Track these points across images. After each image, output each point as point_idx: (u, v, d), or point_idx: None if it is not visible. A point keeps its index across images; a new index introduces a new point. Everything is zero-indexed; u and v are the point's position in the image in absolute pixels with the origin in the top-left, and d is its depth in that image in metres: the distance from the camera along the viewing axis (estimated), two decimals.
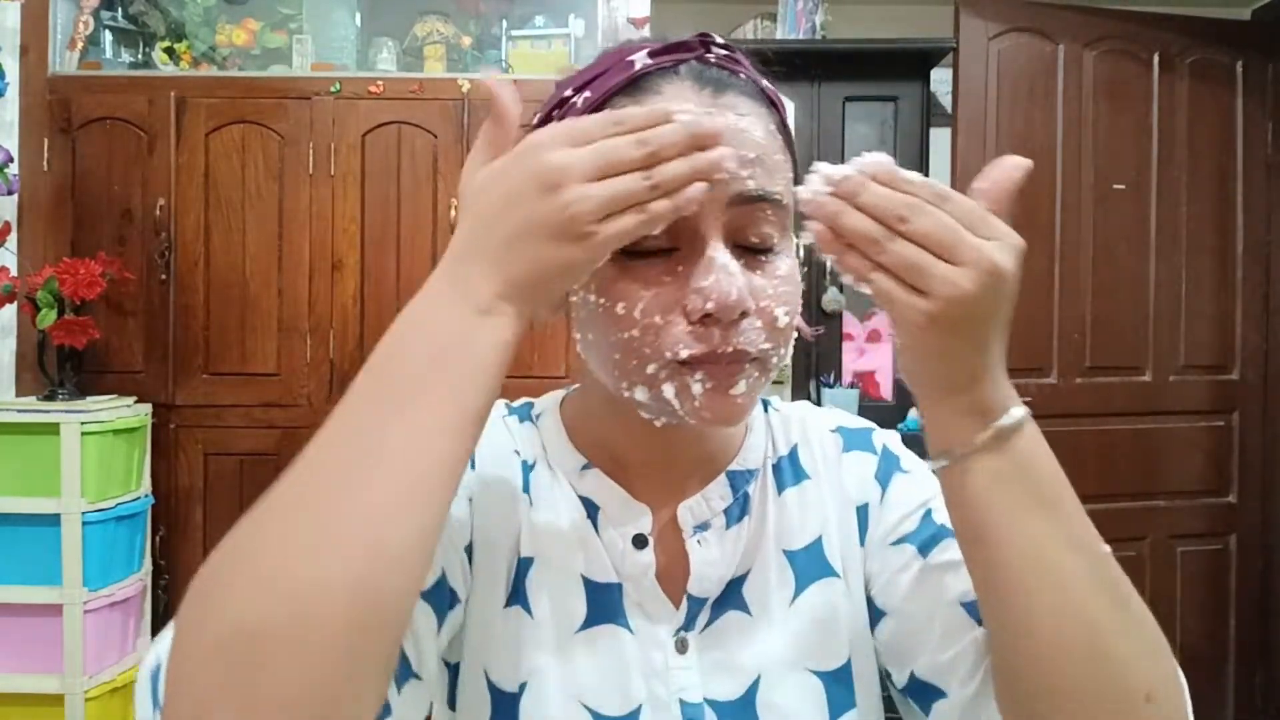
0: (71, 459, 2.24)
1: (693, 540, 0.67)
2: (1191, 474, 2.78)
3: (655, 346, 0.57)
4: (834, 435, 0.74)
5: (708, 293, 0.55)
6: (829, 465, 0.73)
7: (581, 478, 0.69)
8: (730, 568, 0.67)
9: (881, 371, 2.94)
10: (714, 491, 0.69)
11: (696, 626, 0.67)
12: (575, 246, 0.50)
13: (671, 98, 0.58)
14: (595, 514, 0.68)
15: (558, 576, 0.66)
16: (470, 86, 2.61)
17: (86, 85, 2.61)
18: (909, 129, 2.80)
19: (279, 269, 2.60)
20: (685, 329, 0.57)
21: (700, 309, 0.56)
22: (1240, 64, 2.80)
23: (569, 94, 0.61)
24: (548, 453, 0.70)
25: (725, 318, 0.56)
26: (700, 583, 0.66)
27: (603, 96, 0.59)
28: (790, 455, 0.73)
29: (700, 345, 0.57)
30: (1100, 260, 2.70)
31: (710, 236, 0.57)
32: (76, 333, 2.37)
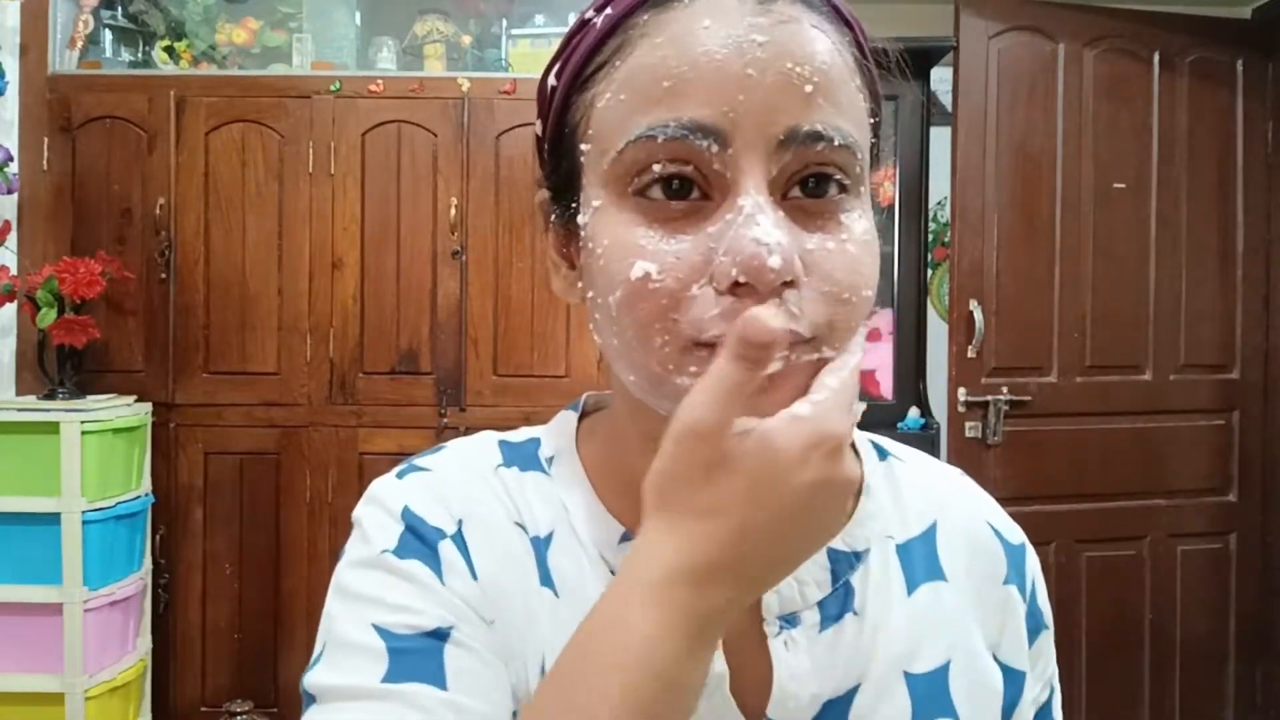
0: (71, 458, 2.23)
1: (778, 640, 0.51)
2: (1192, 473, 2.77)
3: (672, 324, 0.44)
4: (994, 540, 0.58)
5: (735, 254, 0.42)
6: (977, 577, 0.56)
7: (619, 554, 0.52)
8: (828, 684, 0.51)
9: (882, 371, 2.93)
10: (808, 573, 0.52)
11: None
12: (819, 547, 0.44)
13: (705, 6, 0.45)
14: None
15: None
16: (470, 85, 2.60)
17: (86, 84, 2.61)
18: (909, 128, 2.81)
19: (279, 268, 2.60)
20: (713, 301, 0.43)
21: (729, 276, 0.43)
22: (1240, 63, 2.79)
23: (590, 14, 0.49)
24: (570, 516, 0.54)
25: (762, 287, 0.42)
26: (785, 702, 0.50)
27: (624, 10, 0.47)
28: (926, 538, 0.56)
29: (726, 324, 0.43)
30: (1100, 259, 2.69)
31: (746, 184, 0.43)
32: (76, 332, 2.37)
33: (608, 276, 0.45)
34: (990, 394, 2.59)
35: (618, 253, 0.45)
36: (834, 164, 0.45)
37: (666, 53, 0.44)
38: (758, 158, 0.44)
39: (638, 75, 0.45)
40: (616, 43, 0.47)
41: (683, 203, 0.44)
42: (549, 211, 0.53)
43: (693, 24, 0.44)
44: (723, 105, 0.43)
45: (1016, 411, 2.61)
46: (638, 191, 0.45)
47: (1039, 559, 0.62)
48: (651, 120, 0.44)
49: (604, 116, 0.46)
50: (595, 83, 0.47)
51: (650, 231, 0.44)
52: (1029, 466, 2.63)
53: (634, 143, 0.44)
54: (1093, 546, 2.69)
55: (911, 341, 2.83)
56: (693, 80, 0.43)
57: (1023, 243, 2.65)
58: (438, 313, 2.60)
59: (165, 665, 2.58)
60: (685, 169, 0.44)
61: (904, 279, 2.84)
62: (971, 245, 2.60)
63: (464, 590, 0.50)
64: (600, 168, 0.46)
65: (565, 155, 0.50)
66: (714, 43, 0.43)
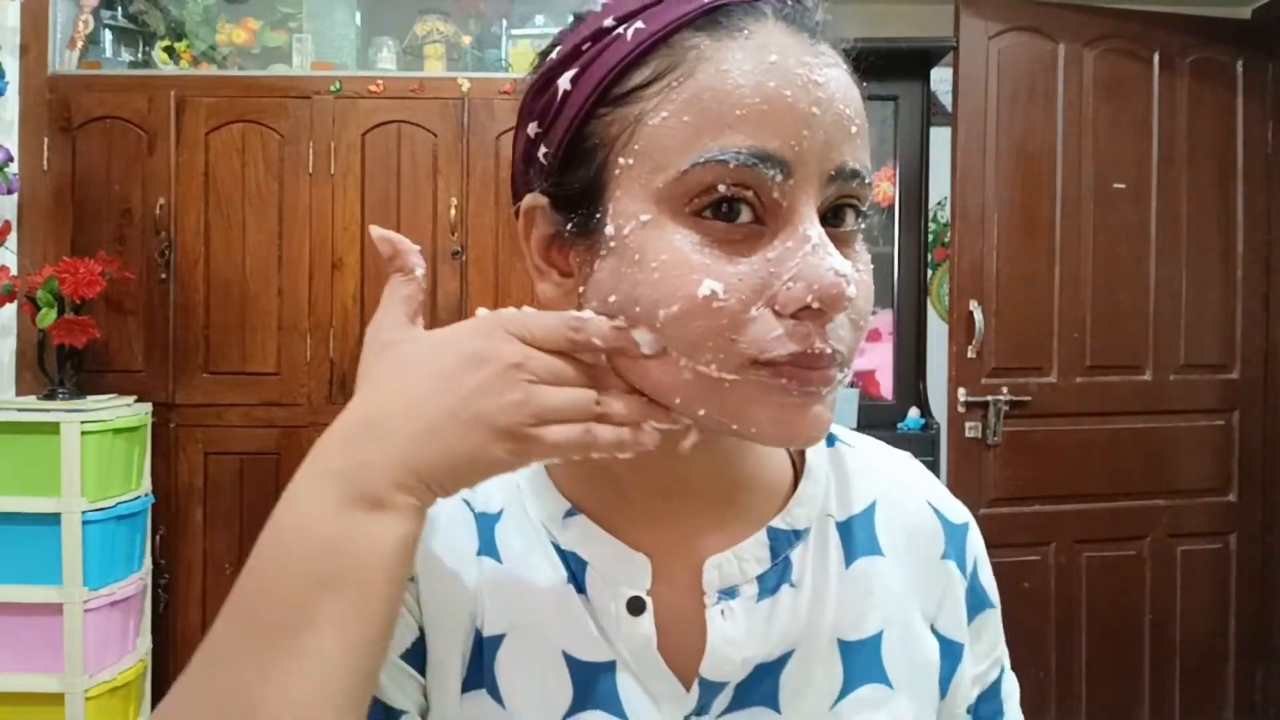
0: (71, 458, 2.23)
1: (715, 609, 0.54)
2: (1192, 473, 2.77)
3: (728, 344, 0.46)
4: (933, 519, 0.61)
5: (812, 281, 0.45)
6: (915, 554, 0.60)
7: (564, 528, 0.56)
8: (759, 650, 0.54)
9: (882, 371, 2.92)
10: (748, 551, 0.55)
11: (712, 711, 0.54)
12: (510, 445, 0.45)
13: (764, 41, 0.47)
14: (582, 572, 0.55)
15: (534, 654, 0.54)
16: (470, 86, 2.61)
17: (86, 84, 2.61)
18: (909, 128, 2.80)
19: (279, 268, 2.60)
20: (773, 322, 0.46)
21: (801, 301, 0.45)
22: (1240, 63, 2.79)
23: (609, 23, 0.50)
24: (521, 494, 0.58)
25: (832, 311, 0.45)
26: (718, 665, 0.53)
27: (666, 30, 0.48)
28: (865, 516, 0.60)
29: (794, 345, 0.45)
30: (1100, 259, 2.69)
31: (805, 214, 0.46)
32: (76, 332, 2.36)
33: (661, 291, 0.46)
34: (990, 394, 2.59)
35: (680, 269, 0.46)
36: (859, 197, 0.49)
37: (739, 82, 0.46)
38: (813, 190, 0.47)
39: (703, 99, 0.46)
40: (666, 62, 0.47)
41: (740, 227, 0.46)
42: (544, 217, 0.53)
43: (760, 57, 0.46)
44: (791, 140, 0.46)
45: (1016, 412, 2.61)
46: (694, 212, 0.46)
47: (1041, 558, 0.64)
48: (724, 144, 0.45)
49: (658, 135, 0.47)
50: (641, 99, 0.48)
51: (711, 251, 0.46)
52: (1029, 467, 2.63)
53: (702, 164, 0.45)
54: (1093, 547, 2.68)
55: (911, 342, 2.82)
56: (767, 112, 0.46)
57: (1023, 243, 2.64)
58: (438, 313, 2.60)
59: (165, 665, 2.58)
60: (746, 193, 0.46)
61: (904, 279, 2.83)
62: (971, 245, 2.60)
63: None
64: (650, 184, 0.47)
65: (584, 165, 0.50)
66: (782, 79, 0.46)
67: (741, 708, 0.54)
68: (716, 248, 0.46)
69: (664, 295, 0.46)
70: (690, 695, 0.54)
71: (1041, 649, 2.62)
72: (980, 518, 2.65)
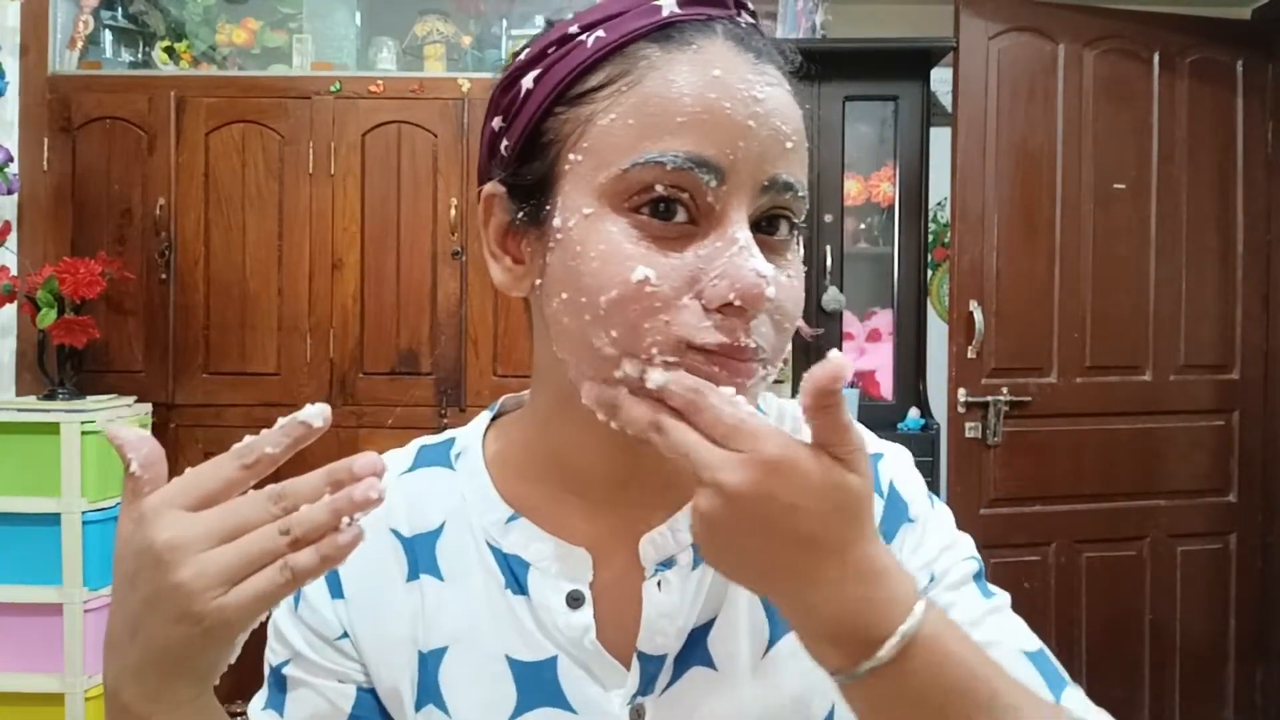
0: (71, 458, 2.23)
1: (651, 582, 0.58)
2: (1192, 473, 2.76)
3: (664, 326, 0.49)
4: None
5: (735, 280, 0.48)
6: None
7: (506, 532, 0.59)
8: (692, 616, 0.58)
9: (882, 371, 2.92)
10: (681, 521, 0.58)
11: (656, 689, 0.57)
12: (196, 626, 0.43)
13: (711, 56, 0.51)
14: (524, 573, 0.58)
15: (477, 662, 0.57)
16: (470, 86, 2.60)
17: (86, 85, 2.61)
18: (909, 128, 2.79)
19: (279, 268, 2.60)
20: (701, 313, 0.49)
21: (724, 297, 0.48)
22: (1240, 63, 2.78)
23: (574, 30, 0.53)
24: (466, 506, 0.60)
25: (752, 310, 0.49)
26: (652, 637, 0.57)
27: (622, 39, 0.52)
28: None
29: (722, 336, 0.49)
30: (1100, 260, 2.68)
31: (735, 218, 0.50)
32: (76, 332, 2.36)
33: (601, 279, 0.50)
34: (990, 394, 2.59)
35: (616, 257, 0.49)
36: (792, 209, 0.53)
37: (683, 92, 0.50)
38: (745, 197, 0.50)
39: (648, 105, 0.50)
40: (618, 69, 0.51)
41: (674, 225, 0.50)
42: (501, 205, 0.56)
43: (705, 70, 0.50)
44: (726, 148, 0.49)
45: (1016, 412, 2.61)
46: (633, 208, 0.50)
47: (1041, 559, 0.64)
48: (663, 148, 0.49)
49: (605, 135, 0.51)
50: (593, 100, 0.51)
51: (645, 244, 0.50)
52: (1029, 467, 2.63)
53: (641, 165, 0.49)
54: (1092, 547, 2.67)
55: (911, 342, 2.82)
56: (706, 121, 0.49)
57: (1023, 243, 2.64)
58: (438, 313, 2.60)
59: None
60: (682, 195, 0.50)
61: (904, 279, 2.83)
62: (971, 245, 2.59)
63: (318, 612, 0.59)
64: (594, 180, 0.51)
65: (539, 159, 0.54)
66: (724, 92, 0.50)
67: (681, 675, 0.57)
68: (651, 241, 0.50)
69: (603, 282, 0.49)
70: (631, 674, 0.57)
71: None
72: (980, 518, 2.64)
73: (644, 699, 0.57)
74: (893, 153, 2.83)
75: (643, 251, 0.49)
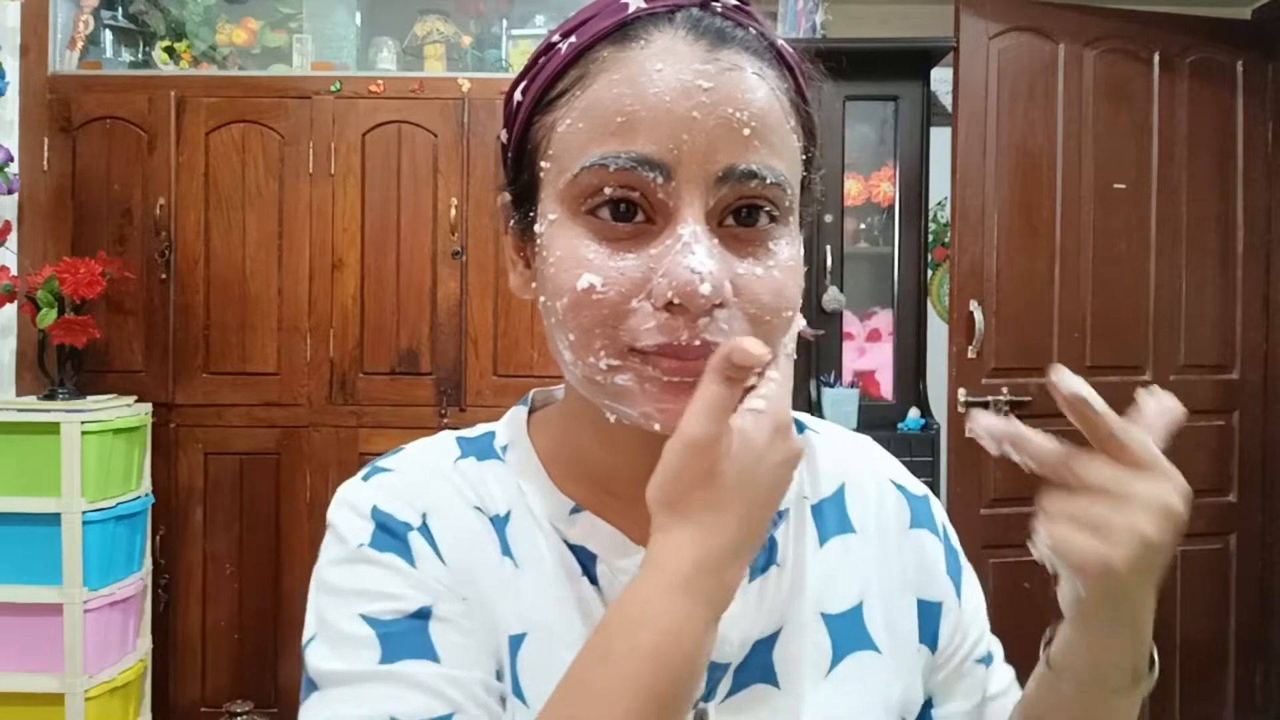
0: (71, 458, 2.23)
1: None
2: (1192, 473, 2.52)
3: (612, 331, 0.50)
4: (897, 494, 0.65)
5: (672, 277, 0.48)
6: (883, 527, 0.63)
7: (572, 523, 0.58)
8: (755, 627, 0.57)
9: (882, 371, 2.91)
10: None
11: (717, 696, 0.57)
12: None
13: (660, 50, 0.50)
14: (593, 565, 0.57)
15: (552, 651, 0.55)
16: (470, 86, 2.60)
17: (86, 85, 2.61)
18: (909, 128, 2.79)
19: (279, 268, 2.60)
20: (649, 315, 0.49)
21: (664, 296, 0.48)
22: (1240, 64, 2.78)
23: (555, 39, 0.54)
24: (526, 497, 0.59)
25: (693, 308, 0.48)
26: (720, 645, 0.55)
27: (587, 42, 0.52)
28: (836, 498, 0.63)
29: (662, 336, 0.49)
30: (1100, 260, 2.68)
31: (686, 214, 0.49)
32: (76, 332, 2.36)
33: (557, 285, 0.51)
34: (990, 394, 2.58)
35: (567, 264, 0.50)
36: (765, 198, 0.51)
37: (622, 90, 0.49)
38: (698, 190, 0.49)
39: (595, 107, 0.50)
40: (578, 73, 0.52)
41: (629, 225, 0.50)
42: (510, 215, 0.58)
43: (647, 65, 0.49)
44: (669, 143, 0.49)
45: (1016, 412, 2.59)
46: (589, 211, 0.50)
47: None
48: (605, 150, 0.49)
49: (563, 140, 0.52)
50: (557, 107, 0.53)
51: (599, 248, 0.50)
52: None
53: (589, 169, 0.49)
54: None
55: (911, 342, 2.81)
56: (644, 118, 0.49)
57: (1023, 243, 2.64)
58: (438, 313, 2.60)
59: (165, 666, 2.58)
60: (633, 194, 0.50)
61: (904, 279, 2.83)
62: (971, 245, 2.59)
63: (436, 573, 0.55)
64: (557, 185, 0.52)
65: (526, 168, 0.55)
66: (664, 85, 0.49)
67: (743, 688, 0.57)
68: (606, 244, 0.50)
69: (559, 288, 0.51)
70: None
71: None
72: (980, 518, 2.64)
73: (706, 705, 0.56)
74: (893, 153, 2.83)
75: (594, 257, 0.50)
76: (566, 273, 0.50)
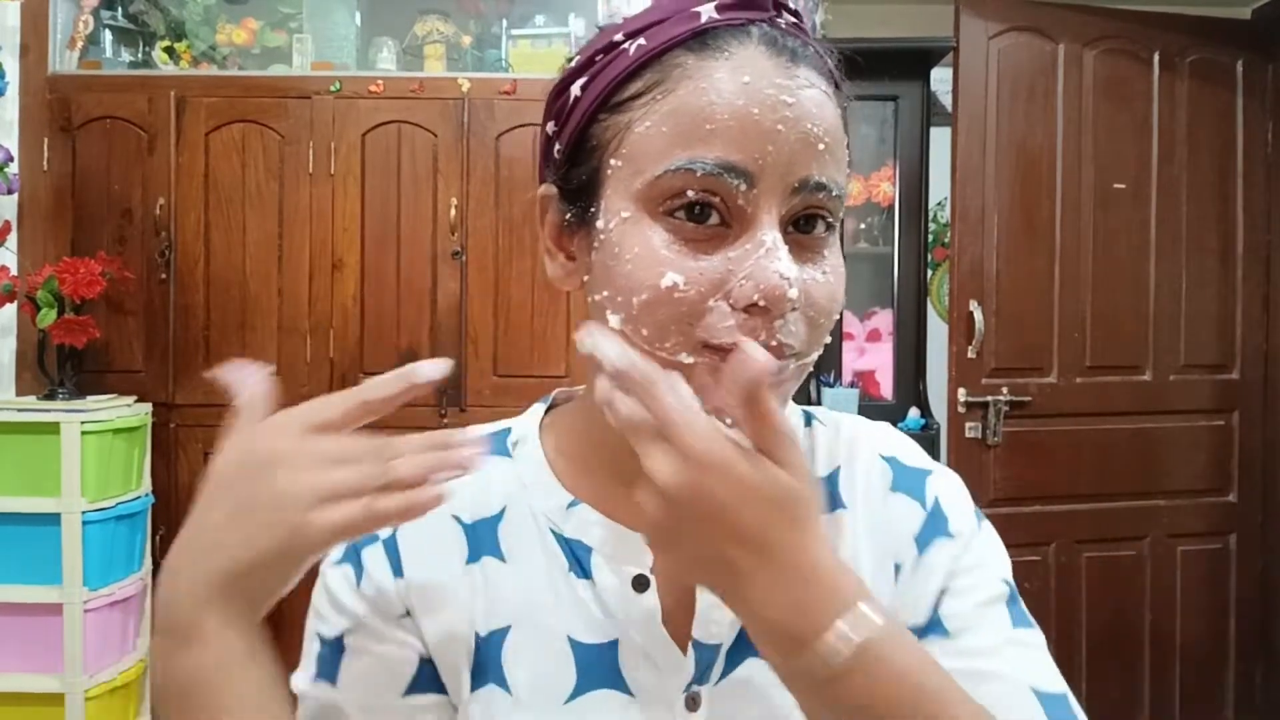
0: (71, 458, 2.23)
1: None
2: (1192, 473, 2.76)
3: (688, 328, 0.51)
4: (883, 465, 0.66)
5: (760, 281, 0.50)
6: (870, 498, 0.64)
7: (567, 517, 0.61)
8: None
9: (882, 371, 2.92)
10: None
11: (710, 679, 0.59)
12: (278, 534, 0.47)
13: (742, 62, 0.52)
14: (587, 558, 0.60)
15: (539, 642, 0.59)
16: (470, 86, 2.60)
17: (86, 84, 2.60)
18: (909, 128, 2.80)
19: (279, 268, 2.59)
20: (727, 314, 0.51)
21: (749, 298, 0.50)
22: (1240, 63, 2.78)
23: (619, 38, 0.56)
24: (527, 492, 0.62)
25: (777, 310, 0.51)
26: (706, 625, 0.58)
27: (661, 46, 0.53)
28: (829, 478, 0.65)
29: (741, 336, 0.50)
30: (1100, 259, 2.68)
31: (764, 220, 0.51)
32: (76, 332, 2.36)
33: (634, 281, 0.52)
34: (990, 394, 2.59)
35: (647, 261, 0.52)
36: (827, 209, 0.54)
37: (713, 99, 0.51)
38: (775, 199, 0.52)
39: (680, 113, 0.52)
40: (655, 77, 0.53)
41: (706, 227, 0.52)
42: (554, 206, 0.59)
43: (735, 77, 0.52)
44: (754, 153, 0.51)
45: (1016, 412, 2.61)
46: (667, 212, 0.52)
47: (1041, 559, 0.66)
48: (692, 155, 0.51)
49: (641, 141, 0.53)
50: (632, 108, 0.54)
51: (680, 248, 0.52)
52: (1029, 467, 2.62)
53: (673, 171, 0.51)
54: (1092, 547, 2.67)
55: (911, 342, 2.82)
56: (732, 128, 0.51)
57: (1023, 243, 2.64)
58: (438, 313, 2.60)
59: None
60: (713, 200, 0.51)
61: (904, 279, 2.83)
62: (971, 245, 2.59)
63: (382, 591, 0.60)
64: (632, 185, 0.53)
65: (586, 163, 0.56)
66: (751, 98, 0.51)
67: (735, 667, 0.59)
68: (684, 245, 0.52)
69: (635, 285, 0.52)
70: (688, 660, 0.58)
71: None
72: None
73: (699, 688, 0.58)
74: (893, 153, 2.83)
75: (674, 256, 0.51)
76: (647, 270, 0.51)
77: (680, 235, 0.52)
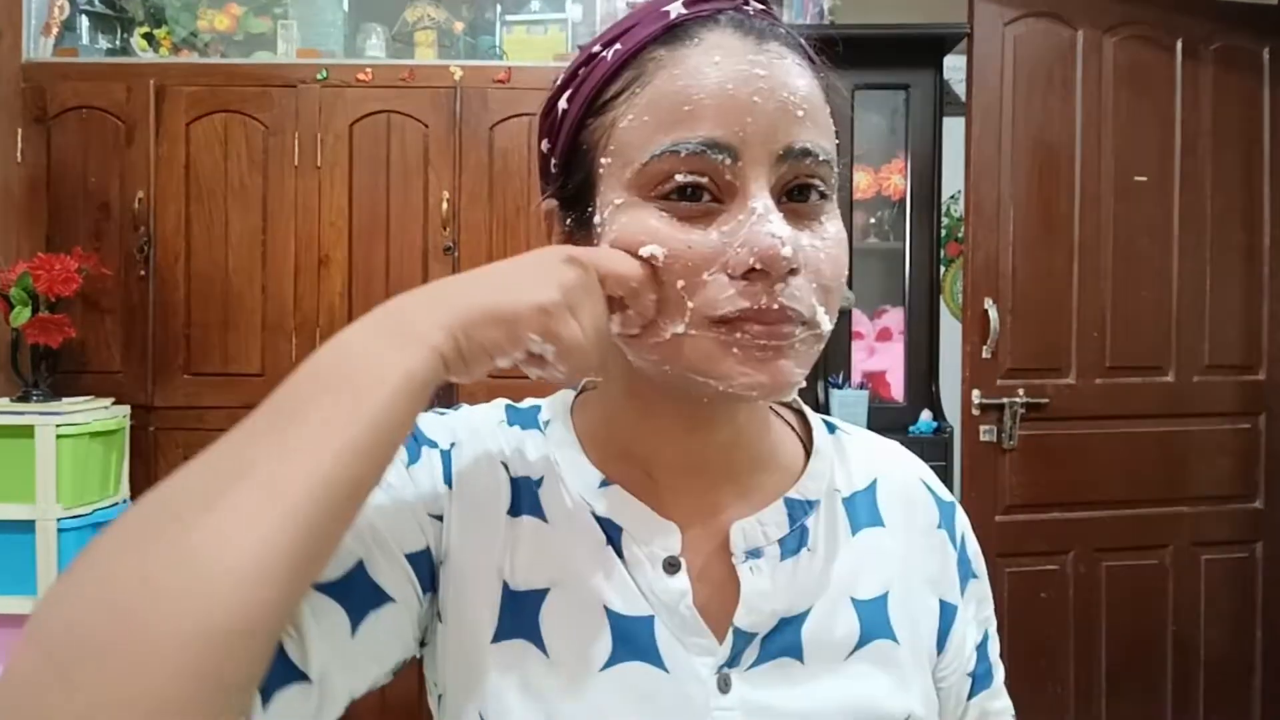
0: (46, 463, 2.23)
1: (744, 566, 0.62)
2: (1216, 478, 2.74)
3: (690, 304, 0.54)
4: (926, 494, 0.70)
5: (753, 245, 0.53)
6: (912, 525, 0.69)
7: (600, 497, 0.63)
8: (784, 603, 0.62)
9: (892, 371, 2.92)
10: (770, 517, 0.63)
11: (742, 663, 0.61)
12: (541, 317, 0.51)
13: (712, 45, 0.56)
14: (618, 537, 0.62)
15: (576, 608, 0.61)
16: (463, 74, 2.57)
17: (62, 72, 2.60)
18: (921, 118, 2.77)
19: (263, 265, 2.59)
20: (726, 284, 0.54)
21: (745, 263, 0.53)
22: (1267, 51, 2.74)
23: (597, 49, 0.60)
24: (559, 469, 0.64)
25: (774, 272, 0.53)
26: (750, 614, 0.61)
27: (635, 47, 0.58)
28: (868, 492, 0.68)
29: (744, 302, 0.54)
30: (1121, 255, 2.65)
31: (754, 190, 0.54)
32: (51, 331, 2.35)
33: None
34: (1006, 396, 2.56)
35: (633, 232, 0.55)
36: (818, 175, 0.57)
37: (686, 83, 0.55)
38: (762, 169, 0.55)
39: (659, 100, 0.55)
40: (633, 74, 0.57)
41: (700, 206, 0.55)
42: (558, 219, 0.63)
43: (707, 58, 0.55)
44: (734, 126, 0.54)
45: (1033, 414, 2.58)
46: (660, 196, 0.55)
47: (1059, 568, 0.75)
48: (674, 138, 0.54)
49: (626, 134, 0.56)
50: (614, 107, 0.57)
51: (671, 222, 0.55)
52: (1046, 471, 2.60)
53: (659, 156, 0.54)
54: (1113, 555, 2.65)
55: (923, 341, 2.80)
56: (709, 105, 0.54)
57: (1040, 238, 2.60)
58: None
59: None
60: (702, 180, 0.55)
61: (916, 276, 2.81)
62: (986, 241, 2.56)
63: (423, 486, 0.62)
64: (623, 177, 0.56)
65: (579, 168, 0.60)
66: (724, 75, 0.55)
67: (769, 659, 0.61)
68: (677, 222, 0.55)
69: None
70: (723, 646, 0.60)
71: (1059, 662, 2.59)
72: (995, 525, 2.65)
73: (731, 670, 0.60)
74: (904, 144, 2.82)
75: (662, 228, 0.54)
76: (629, 242, 0.55)
77: (674, 214, 0.55)
